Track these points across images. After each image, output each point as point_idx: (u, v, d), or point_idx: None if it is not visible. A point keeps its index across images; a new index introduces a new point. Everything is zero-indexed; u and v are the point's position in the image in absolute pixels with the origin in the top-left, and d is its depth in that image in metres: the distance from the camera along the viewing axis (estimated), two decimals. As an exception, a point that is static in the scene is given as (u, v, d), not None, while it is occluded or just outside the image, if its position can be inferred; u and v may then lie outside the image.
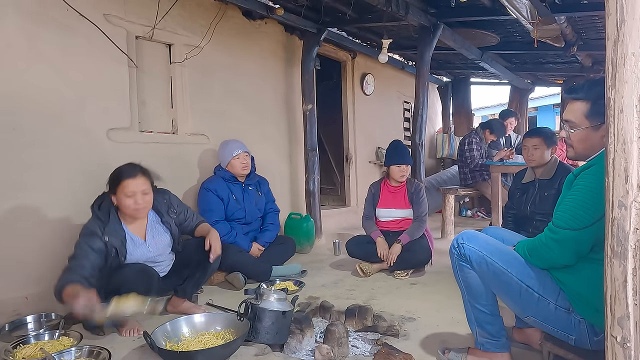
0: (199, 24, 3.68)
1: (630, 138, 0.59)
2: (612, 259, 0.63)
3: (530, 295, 1.56)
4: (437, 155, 7.79)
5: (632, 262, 0.60)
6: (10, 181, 2.59)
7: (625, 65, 0.60)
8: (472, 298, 1.73)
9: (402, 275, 3.22)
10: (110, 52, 3.06)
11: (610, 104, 0.62)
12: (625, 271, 0.60)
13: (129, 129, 3.21)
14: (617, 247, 0.61)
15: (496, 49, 5.53)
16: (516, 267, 1.59)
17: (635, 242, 0.59)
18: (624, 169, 0.60)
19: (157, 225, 2.39)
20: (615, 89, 0.61)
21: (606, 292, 0.65)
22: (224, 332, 2.03)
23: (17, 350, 1.96)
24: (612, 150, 0.62)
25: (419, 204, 3.42)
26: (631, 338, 0.59)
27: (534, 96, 8.47)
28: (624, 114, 0.60)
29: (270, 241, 3.45)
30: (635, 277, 0.59)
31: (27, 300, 2.53)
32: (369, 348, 2.06)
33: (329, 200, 6.21)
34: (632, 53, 0.59)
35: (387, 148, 3.55)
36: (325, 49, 5.11)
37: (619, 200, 0.60)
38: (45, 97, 2.75)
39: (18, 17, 2.63)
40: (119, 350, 1.97)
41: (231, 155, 3.34)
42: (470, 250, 1.66)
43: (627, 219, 0.60)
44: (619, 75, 0.60)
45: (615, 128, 0.61)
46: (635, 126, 0.59)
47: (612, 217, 0.62)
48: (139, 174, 2.19)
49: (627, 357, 0.60)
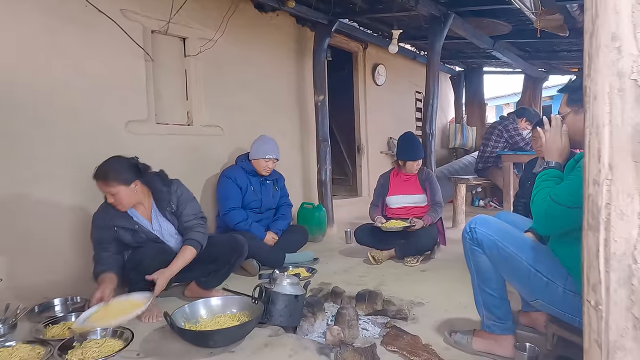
0: (212, 17, 3.75)
1: (603, 122, 0.65)
2: (587, 231, 0.69)
3: (539, 279, 1.59)
4: (450, 145, 7.77)
5: (603, 233, 0.66)
6: (35, 171, 2.72)
7: (599, 56, 0.65)
8: (482, 282, 1.79)
9: (413, 262, 3.28)
10: (128, 46, 3.16)
11: (587, 92, 0.68)
12: (597, 242, 0.66)
13: (146, 121, 3.31)
14: (592, 220, 0.67)
15: (508, 38, 5.49)
16: (526, 251, 1.63)
17: (606, 215, 0.65)
18: (597, 150, 0.65)
19: (158, 212, 2.47)
20: (590, 78, 0.67)
21: (583, 261, 0.71)
22: (240, 315, 2.12)
23: (46, 330, 2.09)
24: (588, 133, 0.68)
25: (434, 190, 3.50)
26: (602, 301, 0.66)
27: (548, 85, 8.35)
28: (597, 101, 0.66)
29: (283, 229, 3.54)
30: (607, 247, 0.65)
31: (54, 284, 2.67)
32: (379, 331, 2.14)
33: (341, 190, 6.27)
34: (605, 45, 0.64)
35: (400, 141, 3.60)
36: (337, 40, 5.15)
37: (593, 179, 0.66)
38: (65, 90, 2.87)
39: (39, 13, 2.74)
40: (141, 330, 2.08)
41: (264, 156, 3.45)
42: (482, 235, 1.70)
43: (600, 195, 0.66)
44: (594, 65, 0.66)
45: (591, 113, 0.67)
46: (606, 111, 0.64)
47: (588, 193, 0.68)
48: (98, 178, 2.22)
49: (599, 318, 0.67)
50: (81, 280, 2.70)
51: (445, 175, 6.01)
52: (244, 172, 3.46)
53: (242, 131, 3.98)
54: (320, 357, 1.80)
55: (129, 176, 2.26)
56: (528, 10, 2.20)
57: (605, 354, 0.65)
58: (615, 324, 0.64)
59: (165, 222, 2.47)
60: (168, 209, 2.46)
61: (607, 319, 0.65)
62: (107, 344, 1.91)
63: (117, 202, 2.26)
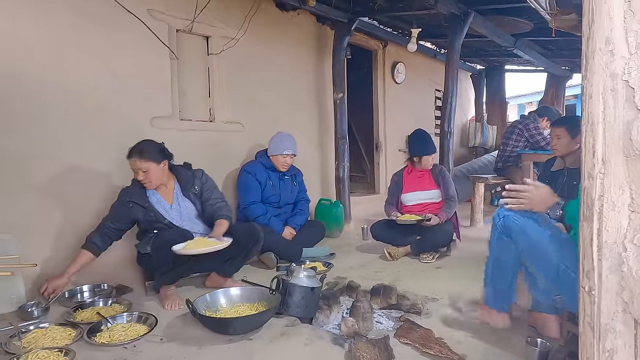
0: (234, 16, 3.84)
1: (597, 120, 0.69)
2: (583, 221, 0.73)
3: (567, 275, 1.61)
4: (469, 144, 7.72)
5: (597, 223, 0.70)
6: (65, 164, 2.85)
7: (594, 58, 0.69)
8: (497, 270, 1.83)
9: (428, 259, 3.31)
10: (154, 45, 3.28)
11: (584, 91, 0.72)
12: (591, 231, 0.70)
13: (170, 117, 3.43)
14: (587, 211, 0.72)
15: (530, 36, 5.43)
16: (555, 247, 1.65)
17: (600, 206, 0.69)
18: (592, 145, 0.70)
19: (180, 194, 2.71)
20: (586, 79, 0.71)
21: (579, 250, 0.75)
22: (258, 304, 2.21)
23: (76, 314, 2.21)
24: (584, 130, 0.72)
25: (447, 184, 3.53)
26: (595, 287, 0.70)
27: (572, 83, 8.17)
28: (592, 100, 0.70)
29: (301, 224, 3.62)
30: (600, 236, 0.69)
31: (82, 272, 2.79)
32: (392, 324, 2.18)
33: (359, 188, 6.31)
34: (600, 48, 0.68)
35: (412, 139, 3.63)
36: (356, 38, 5.18)
37: (588, 172, 0.70)
38: (94, 89, 2.98)
39: (68, 12, 2.85)
40: (164, 317, 2.19)
41: (282, 152, 3.54)
42: (513, 223, 1.73)
43: (594, 188, 0.70)
44: (589, 67, 0.70)
45: (587, 112, 0.71)
46: (600, 109, 0.68)
47: (584, 186, 0.73)
48: (134, 155, 2.51)
49: (592, 302, 0.71)
50: (111, 267, 2.83)
51: (463, 174, 5.99)
52: (263, 168, 3.55)
53: (262, 128, 4.06)
54: (334, 347, 1.86)
55: (159, 156, 2.56)
56: (543, 10, 2.20)
57: (598, 336, 0.69)
58: (606, 308, 0.68)
59: (187, 202, 2.70)
60: (192, 191, 2.71)
61: (599, 303, 0.69)
62: (133, 328, 2.02)
63: (147, 179, 2.53)
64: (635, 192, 0.64)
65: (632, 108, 0.64)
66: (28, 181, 2.69)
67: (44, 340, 1.89)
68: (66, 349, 1.79)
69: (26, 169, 2.68)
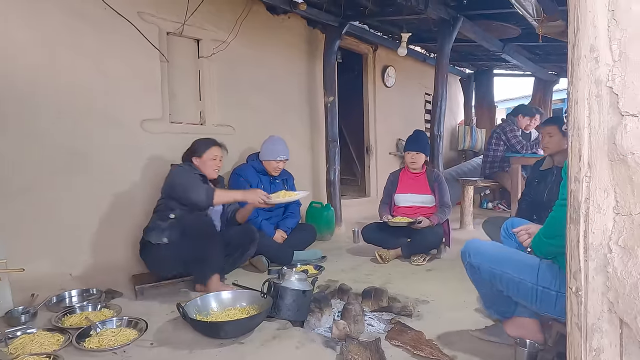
0: (225, 19, 3.84)
1: (583, 125, 0.71)
2: (569, 224, 0.75)
3: (547, 294, 1.61)
4: (459, 147, 7.79)
5: (583, 225, 0.72)
6: (57, 168, 2.82)
7: (579, 65, 0.71)
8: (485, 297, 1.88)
9: (419, 261, 3.33)
10: (144, 47, 3.26)
11: (570, 97, 0.74)
12: (578, 233, 0.72)
13: (160, 120, 3.41)
14: (574, 214, 0.73)
15: (518, 41, 5.51)
16: (528, 272, 1.64)
17: (586, 209, 0.71)
18: (578, 150, 0.72)
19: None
20: (572, 85, 0.73)
21: (567, 252, 0.77)
22: (249, 308, 2.21)
23: (65, 319, 2.19)
24: (571, 135, 0.74)
25: (442, 191, 3.55)
26: (582, 287, 0.72)
27: (559, 87, 8.31)
28: (578, 105, 0.72)
29: (292, 227, 3.62)
30: (586, 238, 0.71)
31: (71, 277, 2.77)
32: (384, 326, 2.20)
33: (350, 191, 6.33)
34: (585, 55, 0.70)
35: (409, 136, 3.68)
36: (347, 42, 5.21)
37: (574, 176, 0.72)
38: (87, 90, 2.97)
39: (61, 13, 2.83)
40: (154, 321, 2.17)
41: (275, 157, 3.54)
42: (478, 264, 1.76)
43: (580, 191, 0.72)
44: (575, 73, 0.72)
45: (573, 117, 0.73)
46: (586, 115, 0.70)
47: (570, 189, 0.75)
48: (222, 144, 2.99)
49: (579, 302, 0.73)
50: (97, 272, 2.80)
51: (453, 177, 6.04)
52: (254, 171, 3.55)
53: (253, 131, 4.06)
54: (326, 349, 1.86)
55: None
56: (530, 16, 2.24)
57: (585, 335, 0.71)
58: (593, 308, 0.70)
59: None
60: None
61: (586, 303, 0.71)
62: (123, 333, 2.00)
63: (219, 166, 2.95)
64: (619, 195, 0.66)
65: (616, 114, 0.66)
66: (18, 183, 2.66)
67: (31, 346, 1.87)
68: (54, 355, 1.77)
69: (19, 170, 2.65)
